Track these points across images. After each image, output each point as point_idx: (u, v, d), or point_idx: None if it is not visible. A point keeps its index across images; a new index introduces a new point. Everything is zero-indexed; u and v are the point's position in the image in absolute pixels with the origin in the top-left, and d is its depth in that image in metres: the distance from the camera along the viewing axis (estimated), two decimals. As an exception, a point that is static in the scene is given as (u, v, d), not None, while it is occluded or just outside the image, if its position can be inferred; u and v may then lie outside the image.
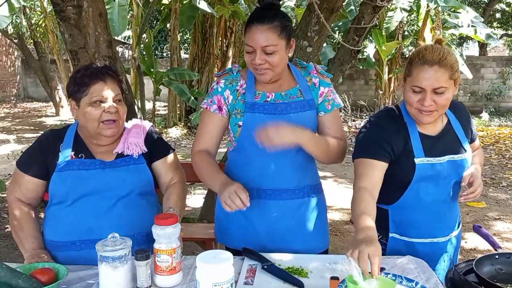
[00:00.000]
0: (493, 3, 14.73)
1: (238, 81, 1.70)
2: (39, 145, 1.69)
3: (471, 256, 3.08)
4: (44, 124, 11.15)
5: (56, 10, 2.48)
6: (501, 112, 12.12)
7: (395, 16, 9.32)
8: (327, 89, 1.72)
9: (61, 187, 1.61)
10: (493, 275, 1.42)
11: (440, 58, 1.47)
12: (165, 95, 10.17)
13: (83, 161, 1.64)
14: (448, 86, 1.48)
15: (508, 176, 6.06)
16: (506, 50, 20.10)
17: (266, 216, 1.69)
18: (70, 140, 1.68)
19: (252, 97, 1.66)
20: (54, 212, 1.63)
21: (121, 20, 6.73)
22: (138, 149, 1.69)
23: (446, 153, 1.60)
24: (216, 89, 1.70)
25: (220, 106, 1.68)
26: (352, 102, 10.81)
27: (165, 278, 1.38)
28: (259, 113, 1.63)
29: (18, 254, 3.66)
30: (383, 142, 1.57)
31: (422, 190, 1.60)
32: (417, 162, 1.56)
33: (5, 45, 16.14)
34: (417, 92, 1.50)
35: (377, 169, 1.55)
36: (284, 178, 1.68)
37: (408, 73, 1.53)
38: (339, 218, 4.49)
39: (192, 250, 3.53)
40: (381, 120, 1.65)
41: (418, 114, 1.54)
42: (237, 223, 1.73)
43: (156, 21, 13.66)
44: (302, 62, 1.78)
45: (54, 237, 1.63)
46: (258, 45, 1.55)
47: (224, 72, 1.74)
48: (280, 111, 1.64)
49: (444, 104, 1.51)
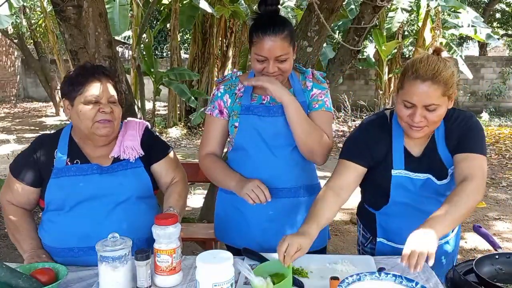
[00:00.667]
0: (493, 3, 14.74)
1: (236, 85, 1.77)
2: (32, 152, 1.64)
3: (471, 256, 3.08)
4: (44, 124, 11.15)
5: (56, 10, 2.48)
6: (501, 112, 12.13)
7: (396, 17, 9.31)
8: (319, 91, 1.76)
9: (58, 194, 1.58)
10: (493, 275, 1.42)
11: (434, 73, 1.40)
12: (165, 95, 10.18)
13: (80, 167, 1.61)
14: (440, 103, 1.43)
15: (508, 176, 6.06)
16: (506, 50, 20.10)
17: (262, 214, 1.72)
18: (65, 145, 1.64)
19: (248, 100, 1.73)
20: (51, 217, 1.60)
21: (122, 20, 6.71)
22: (134, 153, 1.66)
23: (428, 172, 1.57)
24: (217, 94, 1.78)
25: (221, 110, 1.76)
26: (352, 102, 10.80)
27: (165, 278, 1.38)
28: (253, 115, 1.70)
29: (18, 254, 3.65)
30: (363, 147, 1.59)
31: (403, 200, 1.60)
32: (393, 174, 1.57)
33: (5, 45, 16.14)
34: (408, 107, 1.46)
35: (351, 171, 1.57)
36: (280, 177, 1.72)
37: (401, 86, 1.49)
38: (339, 218, 4.49)
39: (192, 250, 3.53)
40: (369, 125, 1.65)
41: (408, 128, 1.50)
42: (235, 222, 1.77)
43: (156, 21, 13.66)
44: (302, 68, 1.84)
45: (51, 243, 1.60)
46: (272, 56, 1.61)
47: (224, 78, 1.82)
48: (272, 113, 1.70)
49: (435, 120, 1.46)
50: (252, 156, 1.71)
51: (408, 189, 1.59)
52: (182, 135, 9.39)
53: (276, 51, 1.60)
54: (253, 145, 1.70)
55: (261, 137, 1.70)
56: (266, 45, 1.60)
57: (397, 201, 1.61)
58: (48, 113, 13.34)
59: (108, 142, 1.66)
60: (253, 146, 1.70)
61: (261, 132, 1.69)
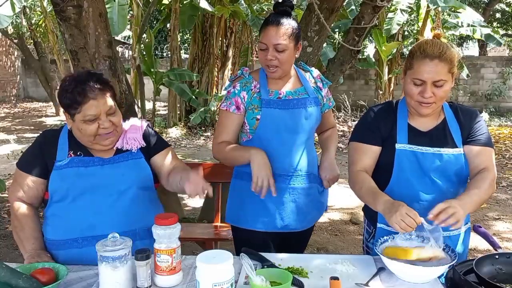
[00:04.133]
0: (493, 3, 14.72)
1: (251, 83, 1.92)
2: (38, 145, 1.69)
3: (471, 256, 3.07)
4: (44, 124, 11.15)
5: (56, 10, 2.48)
6: (501, 112, 12.11)
7: (396, 18, 9.29)
8: (326, 90, 2.04)
9: (61, 185, 1.62)
10: (493, 275, 1.42)
11: (440, 52, 1.55)
12: (165, 95, 10.18)
13: (82, 159, 1.65)
14: (447, 79, 1.57)
15: (508, 176, 6.06)
16: (506, 50, 20.09)
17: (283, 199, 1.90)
18: (65, 140, 1.68)
19: (267, 95, 1.89)
20: (55, 210, 1.64)
21: (120, 19, 6.72)
22: (136, 143, 1.71)
23: (432, 145, 1.65)
24: (234, 92, 1.91)
25: (238, 106, 1.90)
26: (352, 102, 10.79)
27: (165, 278, 1.38)
28: (274, 108, 1.87)
29: (18, 254, 3.66)
30: (373, 127, 1.72)
31: (405, 181, 1.65)
32: (397, 147, 1.66)
33: (5, 45, 16.14)
34: (418, 84, 1.59)
35: (368, 154, 1.71)
36: (298, 164, 1.91)
37: (409, 66, 1.61)
38: (339, 218, 4.49)
39: (192, 250, 3.52)
40: (375, 107, 1.80)
41: (418, 106, 1.62)
42: (257, 207, 1.89)
43: (156, 21, 13.65)
44: (306, 66, 2.05)
45: (55, 236, 1.63)
46: (270, 43, 1.80)
47: (237, 77, 1.96)
48: (292, 106, 1.89)
49: (442, 96, 1.59)
50: (273, 145, 1.86)
51: (411, 165, 1.65)
52: (182, 135, 9.39)
53: (274, 39, 1.79)
54: (275, 136, 1.87)
55: (282, 128, 1.87)
56: (267, 34, 1.80)
57: (398, 180, 1.66)
58: (48, 113, 13.34)
59: (112, 147, 1.69)
60: (275, 137, 1.87)
61: (282, 124, 1.87)
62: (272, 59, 1.81)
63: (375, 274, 1.43)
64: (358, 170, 1.69)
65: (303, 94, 1.93)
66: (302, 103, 1.90)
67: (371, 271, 1.46)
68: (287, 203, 1.90)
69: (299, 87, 1.95)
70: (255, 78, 1.94)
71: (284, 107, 1.88)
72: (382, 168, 1.71)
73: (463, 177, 1.68)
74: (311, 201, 1.96)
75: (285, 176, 1.89)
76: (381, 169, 1.71)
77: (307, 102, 1.91)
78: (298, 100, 1.90)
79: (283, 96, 1.90)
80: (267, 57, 1.82)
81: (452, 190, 1.66)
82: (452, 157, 1.64)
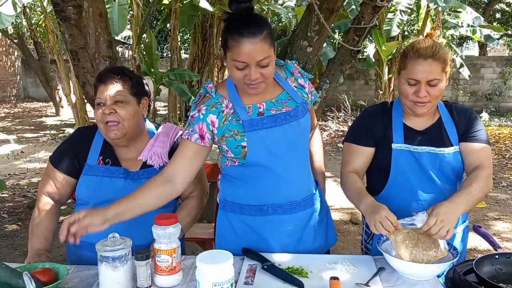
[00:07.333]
0: (493, 3, 14.72)
1: (221, 103, 1.55)
2: (72, 141, 1.73)
3: (471, 256, 3.07)
4: (44, 124, 11.15)
5: (56, 10, 2.48)
6: (501, 112, 12.11)
7: (396, 20, 9.28)
8: (308, 83, 1.67)
9: (84, 191, 1.66)
10: (493, 275, 1.42)
11: (433, 51, 1.56)
12: (165, 95, 10.17)
13: (108, 168, 1.67)
14: (440, 78, 1.58)
15: (508, 176, 6.06)
16: (506, 50, 20.09)
17: (280, 232, 1.62)
18: (100, 142, 1.70)
19: (245, 114, 1.53)
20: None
21: (121, 19, 6.72)
22: (160, 161, 1.70)
23: (428, 144, 1.66)
24: (198, 117, 1.53)
25: (203, 135, 1.53)
26: (352, 102, 10.79)
27: (165, 278, 1.38)
28: (260, 130, 1.52)
29: (18, 254, 3.66)
30: (366, 128, 1.72)
31: (403, 180, 1.66)
32: (394, 147, 1.66)
33: (5, 45, 16.15)
34: (412, 84, 1.59)
35: (359, 155, 1.71)
36: (299, 189, 1.63)
37: (403, 66, 1.61)
38: (339, 218, 4.49)
39: (192, 250, 3.52)
40: (370, 108, 1.80)
41: (413, 106, 1.62)
42: (251, 241, 1.63)
43: (156, 21, 13.65)
44: (280, 61, 1.65)
45: (84, 238, 1.56)
46: (253, 60, 1.41)
47: (201, 98, 1.59)
48: (280, 123, 1.54)
49: (437, 95, 1.59)
50: (268, 172, 1.55)
51: (409, 164, 1.66)
52: (182, 135, 9.38)
53: (257, 54, 1.40)
54: (267, 161, 1.54)
55: (274, 151, 1.54)
56: (245, 49, 1.40)
57: (396, 180, 1.67)
58: (48, 113, 13.34)
59: (126, 144, 1.68)
60: (268, 162, 1.54)
61: (273, 146, 1.53)
62: (257, 77, 1.45)
63: (375, 274, 1.43)
64: (348, 171, 1.70)
65: (287, 101, 1.58)
66: (292, 116, 1.56)
67: (371, 271, 1.46)
68: (292, 234, 1.63)
69: (280, 93, 1.59)
70: (223, 95, 1.56)
71: (270, 125, 1.53)
72: (379, 168, 1.71)
73: (460, 175, 1.69)
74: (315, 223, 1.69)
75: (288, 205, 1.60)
76: (379, 169, 1.72)
77: (296, 113, 1.57)
78: (285, 114, 1.55)
79: (264, 109, 1.55)
80: (250, 77, 1.44)
81: (450, 188, 1.67)
82: (448, 155, 1.65)
